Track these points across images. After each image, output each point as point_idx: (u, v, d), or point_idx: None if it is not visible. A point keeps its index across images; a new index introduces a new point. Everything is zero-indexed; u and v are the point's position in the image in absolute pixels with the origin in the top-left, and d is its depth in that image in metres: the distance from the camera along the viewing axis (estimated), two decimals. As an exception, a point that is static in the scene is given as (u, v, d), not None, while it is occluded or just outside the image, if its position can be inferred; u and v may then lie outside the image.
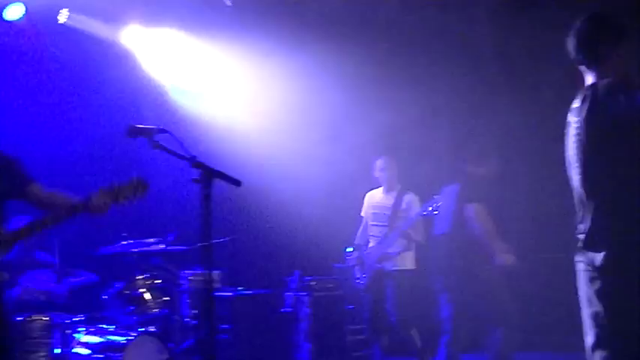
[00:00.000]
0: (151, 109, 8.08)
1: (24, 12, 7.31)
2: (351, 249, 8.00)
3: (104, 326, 6.53)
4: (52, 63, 7.73)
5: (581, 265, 3.75)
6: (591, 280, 3.67)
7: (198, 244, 6.68)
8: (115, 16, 7.78)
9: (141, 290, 6.51)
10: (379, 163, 7.85)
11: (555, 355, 8.43)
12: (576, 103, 3.78)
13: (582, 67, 3.86)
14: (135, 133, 4.09)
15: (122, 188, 4.54)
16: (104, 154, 8.18)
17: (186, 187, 7.75)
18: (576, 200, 3.82)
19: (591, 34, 3.81)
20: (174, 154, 3.85)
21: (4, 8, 7.26)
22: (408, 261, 7.63)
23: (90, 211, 4.48)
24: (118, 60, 8.08)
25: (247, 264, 8.20)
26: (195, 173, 3.74)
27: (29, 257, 6.75)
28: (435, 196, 7.28)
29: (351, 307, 9.25)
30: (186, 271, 7.24)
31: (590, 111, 3.66)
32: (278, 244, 8.81)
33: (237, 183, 3.75)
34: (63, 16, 7.50)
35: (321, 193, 8.89)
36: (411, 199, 7.68)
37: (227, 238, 5.56)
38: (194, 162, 3.76)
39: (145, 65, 8.32)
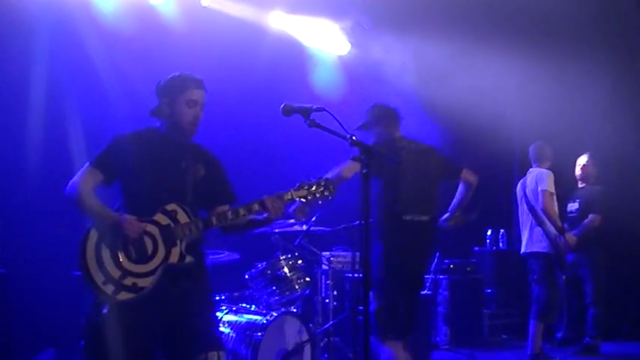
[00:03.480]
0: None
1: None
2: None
3: (245, 305, 6.60)
4: (195, 46, 7.84)
5: None
6: None
7: (343, 226, 6.79)
8: (259, 1, 7.84)
9: (283, 270, 6.52)
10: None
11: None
12: None
13: None
14: (290, 111, 3.99)
15: (312, 188, 4.29)
16: (251, 138, 8.28)
17: (330, 168, 7.89)
18: None
19: None
20: (332, 132, 3.77)
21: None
22: None
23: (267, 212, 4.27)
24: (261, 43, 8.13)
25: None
26: (354, 151, 3.64)
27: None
28: None
29: (489, 290, 9.11)
30: (326, 253, 7.24)
31: None
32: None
33: (396, 162, 3.65)
34: (206, -1, 7.62)
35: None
36: None
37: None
38: (352, 141, 3.67)
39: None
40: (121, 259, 3.98)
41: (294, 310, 6.50)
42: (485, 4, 8.28)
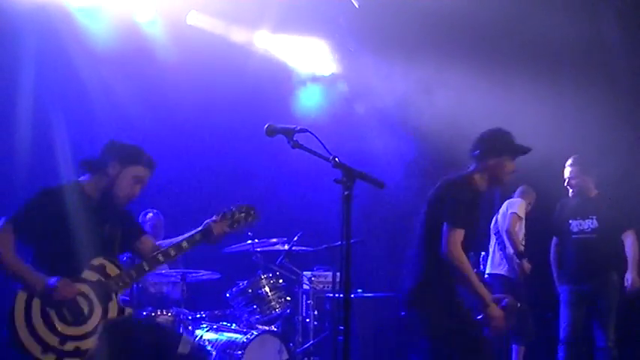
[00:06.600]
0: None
1: (154, 15, 7.49)
2: None
3: (226, 324, 6.59)
4: (179, 63, 7.85)
5: None
6: None
7: (324, 246, 6.79)
8: (245, 20, 7.86)
9: (264, 289, 6.51)
10: None
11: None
12: None
13: None
14: (274, 132, 3.88)
15: (236, 215, 4.45)
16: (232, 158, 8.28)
17: (313, 189, 7.91)
18: None
19: None
20: (315, 154, 3.76)
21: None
22: None
23: (209, 242, 4.37)
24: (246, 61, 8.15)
25: (368, 267, 8.14)
26: (337, 174, 3.64)
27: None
28: None
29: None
30: (307, 272, 7.26)
31: None
32: (399, 247, 8.72)
33: (379, 185, 3.65)
34: (192, 18, 7.63)
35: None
36: None
37: (356, 240, 5.49)
38: (335, 163, 3.66)
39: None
40: (56, 325, 3.78)
41: (275, 329, 6.50)
42: (471, 26, 8.36)
